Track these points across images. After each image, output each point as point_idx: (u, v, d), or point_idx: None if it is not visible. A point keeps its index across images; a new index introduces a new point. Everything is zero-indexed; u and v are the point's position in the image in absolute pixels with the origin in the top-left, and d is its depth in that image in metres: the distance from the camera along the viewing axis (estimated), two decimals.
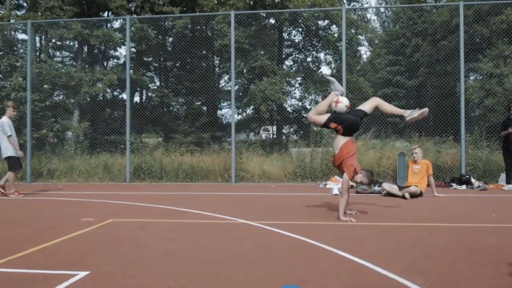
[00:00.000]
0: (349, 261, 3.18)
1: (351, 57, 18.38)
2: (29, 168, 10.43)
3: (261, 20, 15.38)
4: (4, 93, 13.59)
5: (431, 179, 7.20)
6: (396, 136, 14.39)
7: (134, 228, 4.54)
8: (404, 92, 26.55)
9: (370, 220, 4.88)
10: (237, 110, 18.60)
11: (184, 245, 3.74)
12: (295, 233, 4.13)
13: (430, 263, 3.08)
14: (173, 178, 10.32)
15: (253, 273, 2.89)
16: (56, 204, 6.65)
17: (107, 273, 2.91)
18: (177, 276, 2.82)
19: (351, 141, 5.15)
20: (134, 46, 17.21)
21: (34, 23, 11.92)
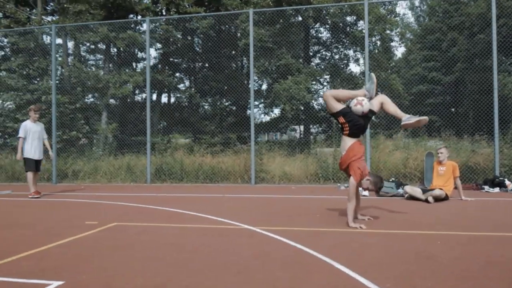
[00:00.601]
0: (341, 274, 2.91)
1: (382, 54, 17.82)
2: (54, 170, 10.63)
3: (287, 18, 15.10)
4: (36, 96, 13.98)
5: (457, 181, 6.74)
6: (429, 135, 13.77)
7: (134, 233, 4.43)
8: (440, 89, 25.54)
9: (381, 227, 4.55)
10: (264, 110, 18.44)
11: (177, 253, 3.57)
12: (296, 241, 3.89)
13: (433, 280, 2.77)
14: (193, 179, 10.25)
15: (236, 286, 2.68)
16: (67, 205, 6.67)
17: (81, 284, 2.78)
18: (149, 285, 2.66)
19: (359, 142, 4.82)
20: (161, 48, 17.39)
21: (58, 26, 12.13)
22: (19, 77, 14.19)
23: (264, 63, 14.87)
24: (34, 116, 7.95)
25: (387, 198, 7.02)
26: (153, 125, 17.00)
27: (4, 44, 16.24)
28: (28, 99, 13.89)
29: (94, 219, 5.21)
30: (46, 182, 10.78)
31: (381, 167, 9.29)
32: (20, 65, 14.38)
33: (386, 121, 22.64)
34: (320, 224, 4.76)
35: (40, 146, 7.95)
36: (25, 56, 14.54)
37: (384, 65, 17.28)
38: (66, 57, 16.03)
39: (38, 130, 7.93)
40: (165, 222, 5.05)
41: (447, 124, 16.39)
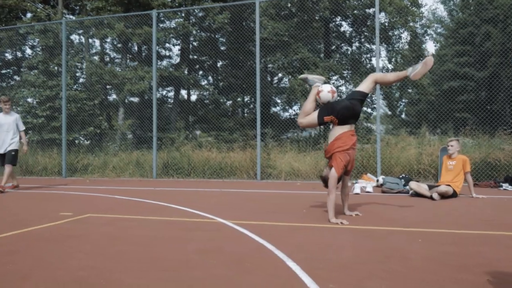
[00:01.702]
0: (287, 273, 2.55)
1: (410, 49, 17.08)
2: (64, 164, 10.68)
3: (307, 11, 14.67)
4: (55, 92, 14.18)
5: (468, 177, 6.18)
6: (455, 133, 13.04)
7: (97, 224, 4.21)
8: (473, 85, 24.32)
9: (364, 223, 4.14)
10: (284, 106, 18.05)
11: (121, 245, 3.31)
12: (262, 237, 3.55)
13: (389, 283, 2.37)
14: (200, 175, 10.04)
15: (154, 284, 2.38)
16: (57, 198, 6.57)
17: (2, 273, 2.56)
18: (68, 280, 2.40)
19: (350, 132, 4.39)
20: (179, 44, 17.34)
21: (69, 22, 12.20)
22: (40, 74, 14.44)
23: (280, 57, 14.49)
24: (4, 107, 7.51)
25: (389, 195, 6.53)
26: (171, 121, 17.00)
27: (30, 43, 16.66)
28: (48, 95, 14.11)
29: (71, 211, 5.05)
30: (57, 176, 10.85)
31: (393, 163, 8.76)
32: (40, 62, 14.64)
33: (415, 119, 21.80)
34: (301, 220, 4.39)
35: (7, 139, 7.45)
36: (45, 53, 14.81)
37: (412, 60, 16.56)
38: (88, 54, 16.24)
39: (7, 122, 7.47)
40: (138, 214, 4.81)
41: (481, 122, 15.50)
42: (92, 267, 2.69)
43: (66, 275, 2.53)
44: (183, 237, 3.61)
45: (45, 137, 13.55)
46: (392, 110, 26.80)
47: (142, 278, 2.48)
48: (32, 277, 2.49)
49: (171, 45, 17.61)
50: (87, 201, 6.09)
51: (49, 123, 13.77)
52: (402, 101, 26.21)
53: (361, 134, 10.12)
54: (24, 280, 2.44)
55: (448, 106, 23.98)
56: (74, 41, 16.50)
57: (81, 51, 16.21)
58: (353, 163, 4.48)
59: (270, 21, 14.46)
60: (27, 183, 9.27)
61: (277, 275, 2.53)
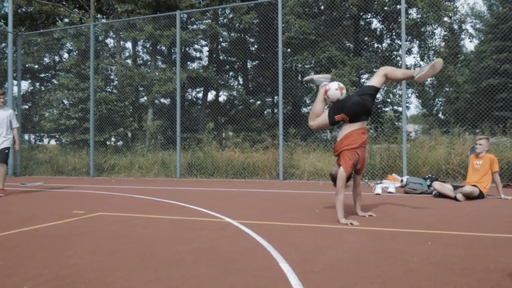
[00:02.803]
0: (276, 275, 2.45)
1: (448, 45, 16.48)
2: (92, 164, 10.93)
3: (336, 8, 14.41)
4: (86, 94, 14.56)
5: (496, 177, 5.82)
6: (492, 130, 12.43)
7: (106, 222, 4.24)
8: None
9: (376, 225, 3.95)
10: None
11: (116, 243, 3.29)
12: (263, 236, 3.45)
13: (381, 286, 2.22)
14: (223, 174, 10.02)
15: (139, 284, 2.33)
16: (76, 196, 6.70)
17: None
18: (50, 278, 2.39)
19: (361, 130, 4.20)
20: (207, 45, 17.46)
21: (99, 26, 12.49)
22: (73, 77, 14.89)
23: (307, 56, 14.30)
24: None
25: (412, 196, 6.25)
26: (200, 122, 17.14)
27: (67, 48, 17.25)
28: (80, 97, 14.51)
29: (85, 209, 5.12)
30: (86, 175, 11.13)
31: (420, 163, 8.42)
32: (73, 65, 15.09)
33: (453, 118, 21.00)
34: (309, 220, 4.26)
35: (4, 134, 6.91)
36: (78, 56, 15.26)
37: (446, 57, 15.96)
38: (119, 57, 16.63)
39: (1, 117, 6.89)
40: (149, 213, 4.81)
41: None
42: (79, 265, 2.68)
43: (51, 273, 2.53)
44: (184, 236, 3.56)
45: (77, 138, 13.95)
46: (428, 109, 25.96)
47: (124, 277, 2.44)
48: (18, 275, 2.50)
49: (200, 46, 17.76)
50: (104, 200, 6.18)
51: (81, 125, 14.17)
52: (439, 99, 25.30)
53: (388, 133, 9.79)
54: (8, 277, 2.45)
55: (487, 105, 22.93)
56: (109, 44, 16.95)
57: (113, 53, 16.61)
58: (363, 162, 4.30)
59: (297, 20, 14.30)
60: (56, 182, 9.54)
61: (264, 276, 2.42)
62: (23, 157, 12.23)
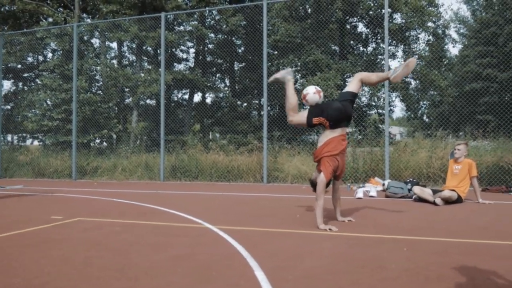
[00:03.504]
0: (251, 284, 2.44)
1: (431, 50, 16.71)
2: (74, 166, 10.79)
3: (322, 11, 14.49)
4: (70, 96, 14.38)
5: (474, 182, 5.91)
6: (473, 134, 12.59)
7: (83, 228, 4.18)
8: (496, 86, 23.59)
9: (355, 230, 3.97)
10: (299, 108, 17.84)
11: (95, 251, 3.25)
12: (241, 243, 3.44)
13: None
14: (207, 177, 9.98)
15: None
16: (55, 201, 6.61)
17: None
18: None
19: (341, 137, 4.21)
20: (193, 46, 17.39)
21: (84, 26, 12.36)
22: (56, 77, 14.68)
23: (293, 59, 14.35)
24: None
25: (392, 200, 6.31)
26: (185, 124, 17.06)
27: (51, 47, 17.01)
28: (63, 98, 14.32)
29: (63, 214, 5.05)
30: (68, 178, 10.98)
31: (402, 167, 8.50)
32: (56, 65, 14.89)
33: (437, 122, 21.25)
34: (289, 226, 4.26)
35: None
36: (62, 56, 15.06)
37: (429, 61, 16.19)
38: (104, 57, 16.45)
39: None
40: (128, 219, 4.76)
41: (505, 124, 14.97)
42: (51, 275, 2.64)
43: (21, 282, 2.48)
44: (161, 243, 3.54)
45: (60, 139, 13.76)
46: (413, 112, 26.26)
47: (98, 286, 2.41)
48: None
49: (187, 48, 17.69)
50: (84, 204, 6.10)
51: (64, 126, 13.98)
52: (424, 103, 25.59)
53: (371, 137, 9.87)
54: None
55: (470, 108, 23.30)
56: (94, 45, 16.76)
57: (98, 54, 16.42)
58: (343, 168, 4.32)
59: (283, 23, 14.36)
60: (36, 185, 9.41)
61: (239, 285, 2.42)
62: (4, 158, 12.03)
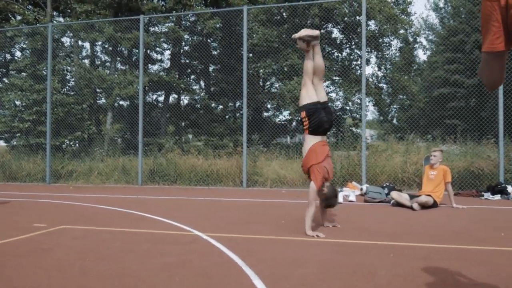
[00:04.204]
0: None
1: (402, 56, 17.19)
2: (48, 169, 10.56)
3: (299, 17, 14.70)
4: (42, 96, 14.03)
5: (449, 187, 6.18)
6: (443, 139, 13.04)
7: (70, 237, 4.15)
8: (463, 92, 24.50)
9: (338, 236, 4.10)
10: (275, 112, 18.05)
11: (87, 260, 3.25)
12: (233, 250, 3.51)
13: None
14: (186, 182, 9.97)
15: None
16: (35, 206, 6.48)
17: None
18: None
19: (322, 143, 4.34)
20: (169, 48, 17.27)
21: (58, 26, 12.12)
22: (27, 77, 14.30)
23: (271, 63, 14.50)
24: None
25: (371, 205, 6.52)
26: (161, 126, 16.92)
27: (20, 46, 16.53)
28: (35, 98, 13.96)
29: (46, 222, 4.97)
30: (41, 182, 10.73)
31: (378, 172, 8.76)
32: (27, 65, 14.51)
33: (407, 125, 21.83)
34: (277, 232, 4.35)
35: None
36: (33, 56, 14.68)
37: (401, 67, 16.65)
38: (77, 58, 16.12)
39: None
40: (114, 226, 4.74)
41: (470, 128, 15.57)
42: (51, 285, 2.64)
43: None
44: (154, 251, 3.56)
45: (31, 141, 13.41)
46: (384, 115, 26.91)
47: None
48: None
49: (162, 49, 17.55)
50: (65, 211, 6.01)
51: (36, 128, 13.64)
52: (394, 106, 26.28)
53: (348, 141, 10.11)
54: None
55: (438, 113, 24.12)
56: (65, 44, 16.40)
57: (70, 54, 16.08)
58: (331, 171, 4.43)
59: (261, 27, 14.48)
60: (9, 190, 9.16)
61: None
62: None
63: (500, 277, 2.76)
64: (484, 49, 1.54)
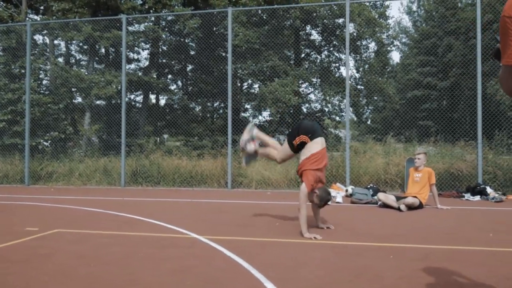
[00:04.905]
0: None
1: (376, 58, 17.52)
2: (27, 171, 10.30)
3: (277, 19, 14.80)
4: (17, 96, 13.64)
5: (433, 189, 6.39)
6: (419, 141, 13.41)
7: (66, 241, 4.09)
8: (436, 94, 25.26)
9: (338, 238, 4.20)
10: (254, 113, 18.10)
11: (92, 266, 3.23)
12: (236, 253, 3.55)
13: None
14: (170, 183, 9.91)
15: None
16: (21, 209, 6.33)
17: None
18: None
19: (323, 151, 4.47)
20: (148, 48, 17.08)
21: (33, 24, 11.83)
22: (1, 76, 13.87)
23: (251, 64, 14.55)
24: None
25: (358, 206, 6.67)
26: (139, 127, 16.71)
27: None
28: (10, 98, 13.56)
29: (37, 225, 4.87)
30: (19, 183, 10.45)
31: (361, 173, 8.94)
32: (2, 63, 14.08)
33: (381, 126, 22.27)
34: (274, 234, 4.42)
35: None
36: (7, 54, 14.25)
37: (377, 69, 16.99)
38: (53, 56, 15.75)
39: None
40: (109, 229, 4.70)
41: (443, 130, 16.08)
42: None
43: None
44: (156, 255, 3.56)
45: (6, 142, 13.02)
46: (359, 116, 27.39)
47: None
48: None
49: (140, 49, 17.34)
50: (54, 214, 5.90)
51: (11, 128, 13.25)
52: (368, 108, 26.74)
53: (330, 143, 10.28)
54: None
55: (412, 114, 24.74)
56: (38, 42, 15.98)
57: (45, 52, 15.69)
58: (323, 181, 4.53)
59: (241, 28, 14.51)
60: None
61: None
62: None
63: (498, 278, 2.90)
64: (503, 62, 1.63)
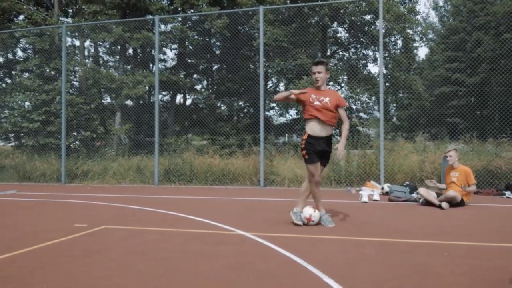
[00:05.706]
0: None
1: (404, 54, 17.28)
2: (63, 169, 10.57)
3: (304, 17, 14.76)
4: (51, 97, 14.01)
5: (474, 187, 6.26)
6: (451, 138, 13.17)
7: (116, 237, 4.19)
8: (464, 90, 24.70)
9: (378, 235, 4.17)
10: (280, 111, 18.09)
11: (148, 260, 3.30)
12: (287, 250, 3.57)
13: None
14: (202, 181, 10.01)
15: None
16: (65, 206, 6.51)
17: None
18: None
19: None
20: (176, 48, 17.28)
21: (68, 26, 12.11)
22: (35, 78, 14.27)
23: (280, 63, 14.56)
24: None
25: (397, 204, 6.59)
26: (168, 126, 16.92)
27: (22, 45, 16.48)
28: (44, 99, 13.93)
29: (85, 222, 5.01)
30: (56, 182, 10.74)
31: (395, 170, 8.84)
32: (36, 65, 14.48)
33: (408, 124, 21.98)
34: (319, 231, 4.42)
35: None
36: (41, 57, 14.64)
37: (405, 66, 16.75)
38: (83, 58, 16.11)
39: None
40: (154, 226, 4.79)
41: (471, 127, 15.72)
42: (123, 286, 2.68)
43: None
44: (207, 251, 3.61)
45: (41, 142, 13.39)
46: (385, 114, 27.01)
47: None
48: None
49: (167, 49, 17.56)
50: (97, 211, 6.04)
51: (45, 128, 13.62)
52: (393, 105, 26.43)
53: (363, 140, 10.18)
54: None
55: (439, 111, 24.29)
56: (67, 44, 16.34)
57: (75, 54, 16.05)
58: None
59: (269, 27, 14.53)
60: (28, 190, 9.17)
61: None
62: None
63: None
64: None
